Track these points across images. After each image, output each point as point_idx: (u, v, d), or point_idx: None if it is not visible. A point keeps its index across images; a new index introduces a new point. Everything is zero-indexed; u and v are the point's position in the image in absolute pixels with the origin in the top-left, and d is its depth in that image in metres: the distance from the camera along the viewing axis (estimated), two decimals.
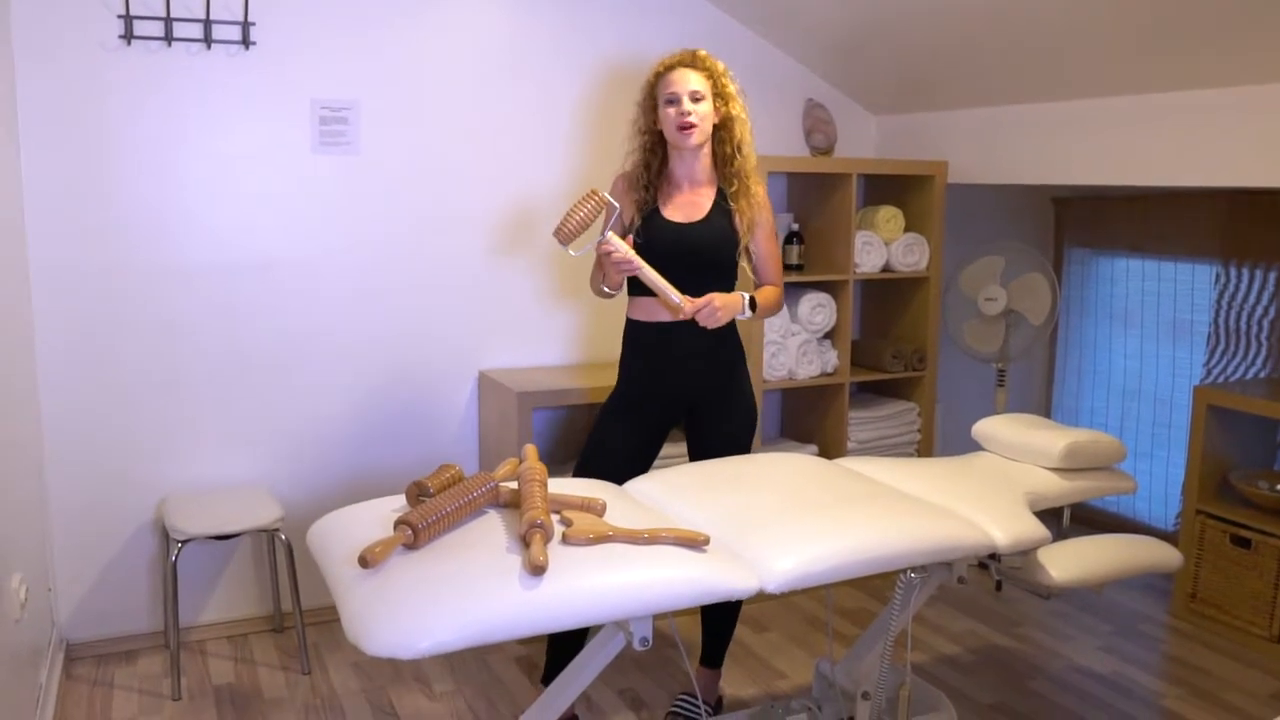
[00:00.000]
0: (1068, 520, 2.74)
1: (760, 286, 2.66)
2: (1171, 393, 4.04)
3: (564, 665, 2.15)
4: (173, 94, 3.01)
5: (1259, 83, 2.77)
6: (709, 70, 2.51)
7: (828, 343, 3.69)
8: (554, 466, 3.06)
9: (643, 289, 2.55)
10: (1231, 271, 3.77)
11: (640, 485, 2.27)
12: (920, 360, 3.82)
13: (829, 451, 3.73)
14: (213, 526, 2.89)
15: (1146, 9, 2.71)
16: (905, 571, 2.18)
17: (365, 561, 1.64)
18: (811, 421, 3.86)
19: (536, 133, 3.49)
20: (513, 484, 2.00)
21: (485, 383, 3.46)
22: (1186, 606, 3.49)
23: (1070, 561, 2.31)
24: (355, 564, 1.67)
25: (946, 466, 2.55)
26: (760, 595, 1.84)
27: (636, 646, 1.80)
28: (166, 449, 3.15)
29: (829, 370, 3.67)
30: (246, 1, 3.02)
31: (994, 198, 4.25)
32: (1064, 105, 3.36)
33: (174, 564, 2.89)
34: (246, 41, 3.05)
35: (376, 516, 1.93)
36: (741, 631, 3.33)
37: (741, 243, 2.57)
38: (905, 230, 3.79)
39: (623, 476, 2.37)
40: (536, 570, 1.64)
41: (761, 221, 2.60)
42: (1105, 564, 2.37)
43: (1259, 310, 3.70)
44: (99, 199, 2.97)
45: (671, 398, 2.62)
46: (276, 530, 2.97)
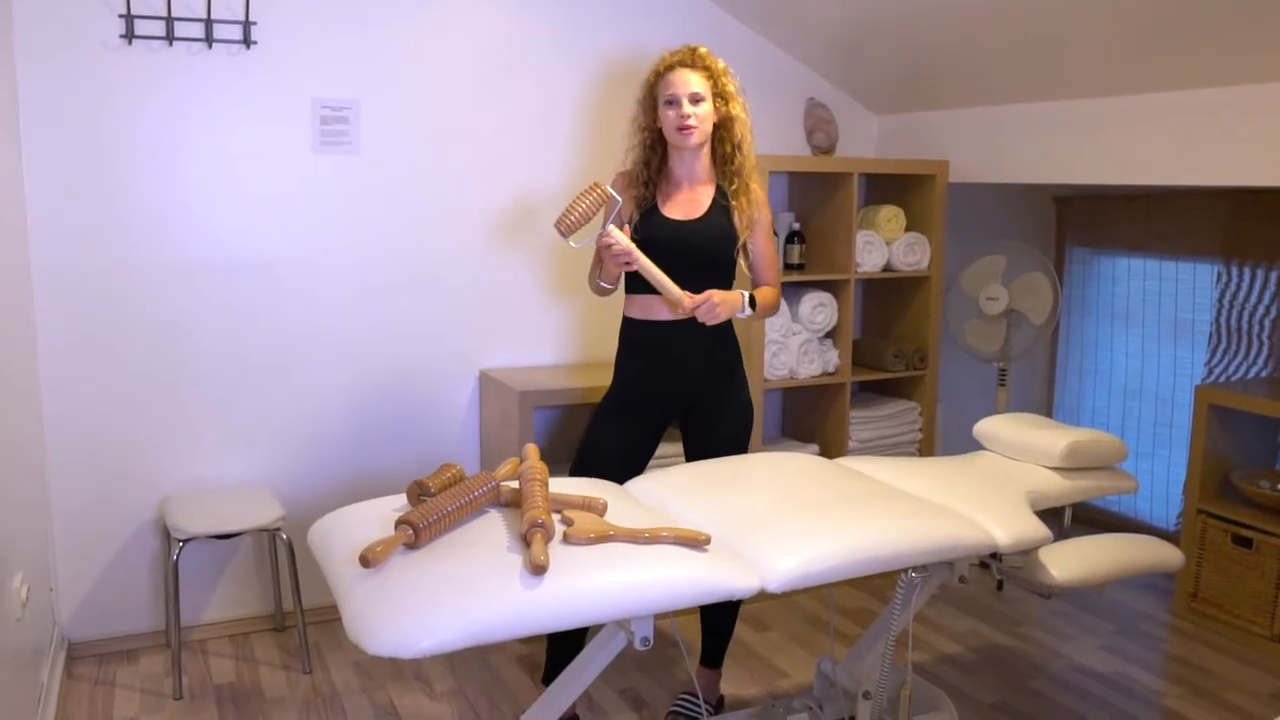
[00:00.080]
0: (1069, 520, 2.73)
1: (758, 287, 2.66)
2: (1173, 392, 4.04)
3: (564, 665, 2.15)
4: (174, 93, 3.01)
5: (1259, 82, 2.77)
6: (709, 69, 2.51)
7: (829, 342, 3.69)
8: (554, 466, 3.04)
9: (640, 286, 2.54)
10: (1233, 271, 3.77)
11: (641, 485, 2.27)
12: (921, 360, 3.82)
13: (830, 451, 3.73)
14: (214, 526, 2.89)
15: (1146, 9, 2.71)
16: (906, 571, 2.18)
17: (366, 561, 1.64)
18: (813, 421, 3.86)
19: (536, 132, 3.49)
20: (514, 483, 2.00)
21: (486, 382, 3.46)
22: (1188, 606, 3.49)
23: (1071, 561, 2.31)
24: (356, 563, 1.68)
25: (948, 466, 2.55)
26: (761, 595, 1.84)
27: (638, 646, 1.80)
28: (168, 448, 3.15)
29: (830, 370, 3.67)
30: (247, 1, 3.02)
31: (995, 197, 4.25)
32: (1065, 104, 3.36)
33: (175, 563, 2.89)
34: (247, 41, 3.05)
35: (377, 516, 1.93)
36: (743, 631, 3.33)
37: (740, 240, 2.57)
38: (906, 229, 3.79)
39: (618, 477, 2.37)
40: (538, 570, 1.64)
41: (760, 220, 2.60)
42: (1106, 563, 2.37)
43: (1260, 309, 3.70)
44: (100, 198, 2.98)
45: (670, 397, 2.62)
46: (278, 529, 2.97)
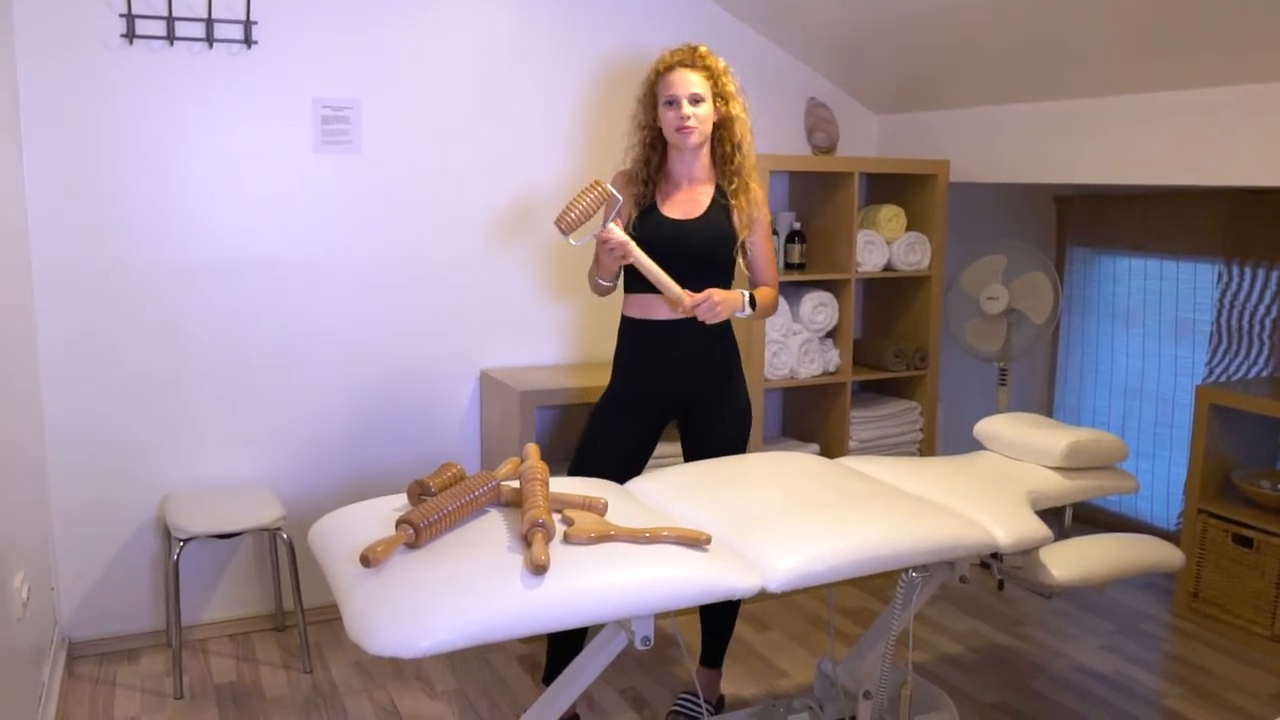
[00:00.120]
0: (1069, 519, 2.73)
1: (756, 286, 2.65)
2: (1173, 392, 4.04)
3: (565, 664, 2.15)
4: (174, 93, 3.01)
5: (1260, 82, 2.77)
6: (709, 69, 2.50)
7: (829, 342, 3.69)
8: (555, 466, 3.04)
9: (640, 286, 2.54)
10: (1234, 270, 3.77)
11: (641, 484, 2.27)
12: (922, 359, 3.82)
13: (831, 450, 3.73)
14: (214, 525, 2.89)
15: (1147, 9, 2.71)
16: (907, 571, 2.18)
17: (367, 560, 1.64)
18: (813, 420, 3.85)
19: (536, 132, 3.49)
20: (514, 483, 2.00)
21: (487, 382, 3.46)
22: (1188, 606, 3.49)
23: (1072, 561, 2.31)
24: (357, 563, 1.67)
25: (948, 466, 2.55)
26: (762, 594, 1.84)
27: (638, 645, 1.80)
28: (168, 448, 3.15)
29: (831, 369, 3.67)
30: (248, 1, 3.02)
31: (995, 197, 4.25)
32: (1065, 104, 3.36)
33: (176, 563, 2.89)
34: (248, 41, 3.05)
35: (378, 515, 1.93)
36: (743, 630, 3.33)
37: (739, 240, 2.57)
38: (907, 229, 3.79)
39: (617, 476, 2.37)
40: (538, 569, 1.64)
41: (759, 220, 2.60)
42: (1107, 563, 2.36)
43: (1261, 309, 3.70)
44: (101, 198, 2.98)
45: (669, 397, 2.61)
46: (278, 529, 2.97)
